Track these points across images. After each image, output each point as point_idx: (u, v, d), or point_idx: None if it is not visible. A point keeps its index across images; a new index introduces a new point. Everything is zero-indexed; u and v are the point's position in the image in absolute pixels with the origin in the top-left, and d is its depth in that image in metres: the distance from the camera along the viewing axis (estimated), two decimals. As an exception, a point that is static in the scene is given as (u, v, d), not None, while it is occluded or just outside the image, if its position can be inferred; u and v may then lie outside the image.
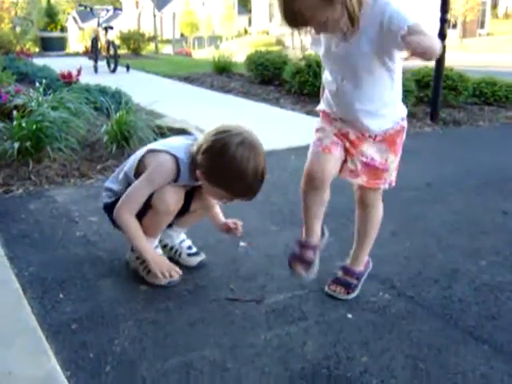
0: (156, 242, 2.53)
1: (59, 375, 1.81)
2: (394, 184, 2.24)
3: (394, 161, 2.17)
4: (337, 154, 2.09)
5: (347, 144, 2.10)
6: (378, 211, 2.33)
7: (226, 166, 2.16)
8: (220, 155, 2.17)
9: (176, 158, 2.29)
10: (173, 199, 2.34)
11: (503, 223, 3.28)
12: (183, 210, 2.48)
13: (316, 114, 2.26)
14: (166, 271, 2.38)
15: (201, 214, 2.62)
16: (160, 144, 2.43)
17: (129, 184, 2.40)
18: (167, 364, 1.90)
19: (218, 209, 2.67)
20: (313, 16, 1.78)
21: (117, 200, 2.42)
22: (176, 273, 2.40)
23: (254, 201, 3.48)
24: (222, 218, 2.67)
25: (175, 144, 2.38)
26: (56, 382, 1.78)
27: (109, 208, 2.49)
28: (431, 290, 2.44)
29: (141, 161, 2.38)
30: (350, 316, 2.22)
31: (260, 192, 2.31)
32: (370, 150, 2.11)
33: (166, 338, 2.05)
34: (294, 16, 1.81)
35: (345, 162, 2.14)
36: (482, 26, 42.90)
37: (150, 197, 2.32)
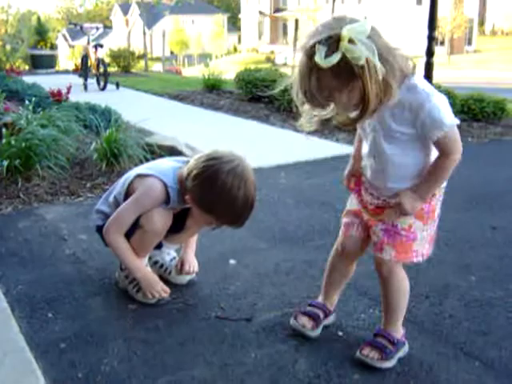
0: (145, 260, 2.51)
1: (47, 396, 1.79)
2: (426, 257, 2.02)
3: (423, 228, 1.96)
4: (355, 234, 2.08)
5: (366, 216, 2.04)
6: (398, 281, 2.04)
7: (215, 193, 2.15)
8: (210, 182, 2.16)
9: (165, 185, 2.28)
10: (161, 221, 2.33)
11: (492, 238, 3.29)
12: (179, 228, 2.48)
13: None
14: (155, 291, 2.37)
15: (194, 231, 2.61)
16: (148, 168, 2.42)
17: (118, 205, 2.40)
18: (157, 383, 1.88)
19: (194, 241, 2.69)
20: (331, 96, 1.67)
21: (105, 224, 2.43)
22: (165, 292, 2.40)
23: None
24: (190, 250, 2.67)
25: (163, 168, 2.37)
26: (44, 403, 1.76)
27: (101, 230, 2.49)
28: (422, 307, 2.44)
29: (130, 185, 2.38)
30: (340, 333, 2.21)
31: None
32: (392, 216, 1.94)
33: (155, 357, 2.03)
34: (312, 96, 1.68)
35: (368, 236, 2.06)
36: (469, 42, 43.46)
37: (139, 217, 2.32)
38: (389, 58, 1.61)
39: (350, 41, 1.54)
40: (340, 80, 1.60)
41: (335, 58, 1.54)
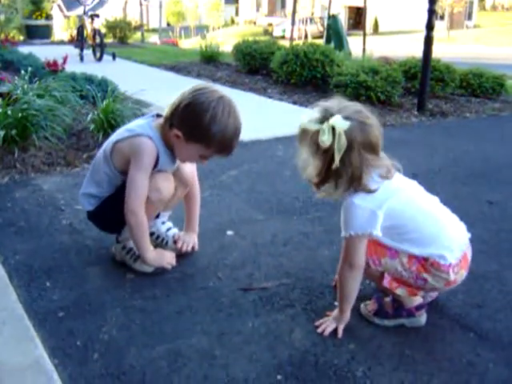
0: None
1: (47, 363, 1.80)
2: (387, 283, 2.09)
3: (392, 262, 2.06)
4: None
5: None
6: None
7: (208, 117, 2.16)
8: (202, 108, 2.17)
9: (148, 136, 2.28)
10: (165, 186, 2.35)
11: (489, 213, 3.30)
12: None
13: (302, 104, 2.25)
14: (166, 263, 2.42)
15: (181, 192, 2.59)
16: (123, 131, 2.40)
17: (111, 182, 2.41)
18: (155, 351, 1.90)
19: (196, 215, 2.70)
20: (301, 147, 1.95)
21: (100, 205, 2.44)
22: (170, 264, 2.44)
23: (240, 190, 3.49)
24: (192, 231, 2.69)
25: (137, 126, 2.36)
26: (43, 370, 1.77)
27: (93, 215, 2.50)
28: (418, 279, 2.45)
29: (112, 155, 2.37)
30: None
31: (246, 181, 2.32)
32: None
33: (153, 326, 2.05)
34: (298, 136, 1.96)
35: None
36: (469, 17, 43.14)
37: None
38: (350, 165, 1.82)
39: (333, 128, 1.78)
40: (310, 143, 1.88)
41: (311, 126, 1.85)
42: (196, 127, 2.20)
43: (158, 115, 2.38)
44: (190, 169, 2.57)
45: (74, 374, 1.77)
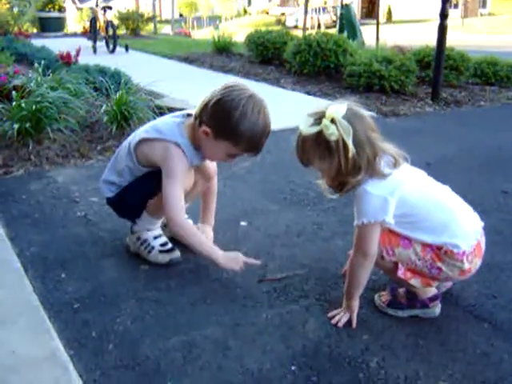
0: (159, 222, 2.54)
1: (62, 354, 1.82)
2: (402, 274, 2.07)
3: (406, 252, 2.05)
4: None
5: None
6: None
7: (237, 114, 2.13)
8: (232, 105, 2.14)
9: (176, 144, 2.25)
10: (185, 181, 2.34)
11: (504, 203, 3.27)
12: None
13: (316, 94, 2.24)
14: (241, 265, 2.31)
15: (201, 186, 2.60)
16: (152, 129, 2.36)
17: (132, 173, 2.40)
18: (169, 342, 1.91)
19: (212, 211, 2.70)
20: (311, 161, 1.96)
21: (119, 193, 2.44)
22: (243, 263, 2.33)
23: (253, 181, 3.49)
24: (208, 225, 2.68)
25: (167, 126, 2.33)
26: (59, 361, 1.79)
27: (112, 201, 2.50)
28: (432, 269, 2.44)
29: (136, 150, 2.35)
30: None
31: (260, 172, 2.31)
32: None
33: (167, 317, 2.06)
34: (298, 156, 1.99)
35: None
36: (483, 5, 42.60)
37: (160, 179, 2.28)
38: (362, 144, 1.83)
39: (332, 120, 1.80)
40: (318, 149, 1.87)
41: (313, 129, 1.84)
42: (225, 124, 2.17)
43: (189, 115, 2.35)
44: (212, 163, 2.56)
45: (90, 365, 1.79)
